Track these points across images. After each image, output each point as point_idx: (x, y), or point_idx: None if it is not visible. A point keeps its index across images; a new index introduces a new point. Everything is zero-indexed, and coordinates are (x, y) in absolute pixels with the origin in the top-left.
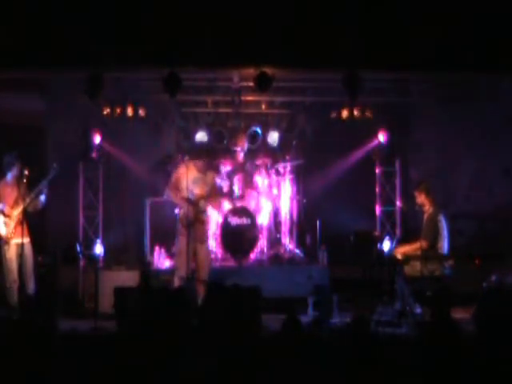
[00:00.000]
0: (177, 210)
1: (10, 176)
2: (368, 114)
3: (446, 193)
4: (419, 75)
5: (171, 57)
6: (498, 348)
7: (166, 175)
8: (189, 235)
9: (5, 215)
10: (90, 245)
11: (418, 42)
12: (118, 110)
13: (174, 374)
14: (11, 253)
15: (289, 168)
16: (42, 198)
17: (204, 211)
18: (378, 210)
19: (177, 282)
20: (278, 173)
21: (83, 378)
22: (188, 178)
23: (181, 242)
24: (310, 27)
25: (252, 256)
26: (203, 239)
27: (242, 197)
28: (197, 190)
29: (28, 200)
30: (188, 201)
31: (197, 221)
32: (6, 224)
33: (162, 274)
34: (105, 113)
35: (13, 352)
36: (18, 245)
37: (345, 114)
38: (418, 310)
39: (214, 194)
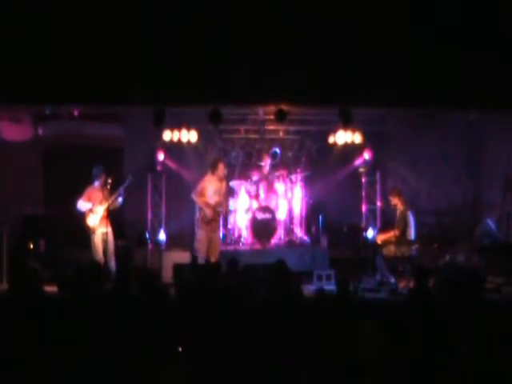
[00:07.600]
0: (197, 213)
1: (97, 183)
2: (357, 138)
3: (412, 194)
4: (396, 110)
5: (215, 97)
6: (453, 307)
7: None
8: (207, 229)
9: (92, 212)
10: (156, 233)
11: (397, 83)
12: (177, 136)
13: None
14: (97, 239)
15: (299, 177)
16: (120, 199)
17: (220, 213)
18: (364, 208)
19: (200, 261)
20: (291, 181)
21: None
22: (211, 188)
23: (201, 234)
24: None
25: (273, 241)
26: (217, 229)
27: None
28: (216, 198)
29: (110, 200)
30: (211, 205)
31: (215, 218)
32: (93, 218)
33: None
34: (167, 139)
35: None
36: (103, 233)
37: (339, 139)
38: (392, 280)
39: (225, 200)
